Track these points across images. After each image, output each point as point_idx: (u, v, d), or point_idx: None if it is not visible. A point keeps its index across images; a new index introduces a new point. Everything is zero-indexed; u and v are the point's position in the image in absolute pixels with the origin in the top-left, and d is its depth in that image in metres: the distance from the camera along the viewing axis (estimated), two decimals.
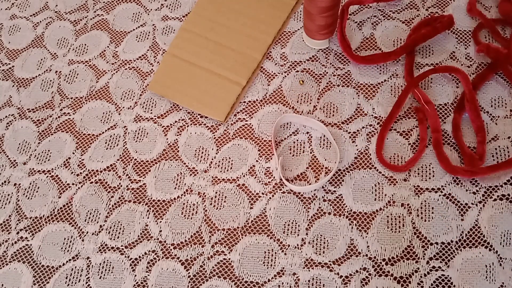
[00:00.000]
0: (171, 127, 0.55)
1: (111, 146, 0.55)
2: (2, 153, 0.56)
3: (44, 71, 0.61)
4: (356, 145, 0.51)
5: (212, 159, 0.52)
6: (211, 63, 0.56)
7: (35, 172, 0.54)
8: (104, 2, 0.65)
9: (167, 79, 0.56)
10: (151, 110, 0.56)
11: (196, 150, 0.53)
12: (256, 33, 0.57)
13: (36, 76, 0.61)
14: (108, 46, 0.61)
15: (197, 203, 0.50)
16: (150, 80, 0.57)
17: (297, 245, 0.47)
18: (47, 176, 0.54)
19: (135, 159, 0.53)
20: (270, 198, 0.49)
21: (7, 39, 0.64)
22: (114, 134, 0.55)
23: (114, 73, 0.59)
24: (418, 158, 0.48)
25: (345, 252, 0.46)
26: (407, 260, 0.45)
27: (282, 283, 0.46)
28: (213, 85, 0.55)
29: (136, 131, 0.55)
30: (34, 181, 0.54)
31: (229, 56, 0.56)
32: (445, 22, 0.53)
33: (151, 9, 0.63)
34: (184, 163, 0.52)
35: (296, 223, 0.48)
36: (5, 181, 0.54)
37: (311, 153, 0.51)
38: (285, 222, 0.48)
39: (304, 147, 0.51)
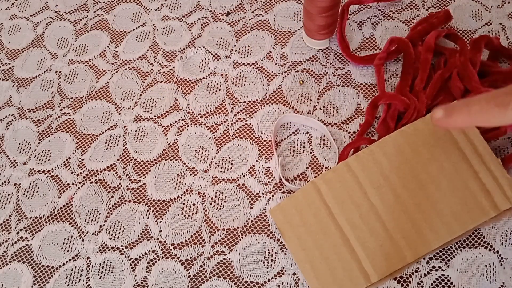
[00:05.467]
0: (171, 127, 0.55)
1: (111, 146, 0.55)
2: (2, 153, 0.56)
3: (44, 71, 0.61)
4: None
5: (212, 159, 0.52)
6: (351, 230, 0.43)
7: (35, 172, 0.54)
8: (104, 2, 0.65)
9: (294, 214, 0.45)
10: (151, 110, 0.56)
11: (196, 150, 0.53)
12: (425, 225, 0.42)
13: (36, 76, 0.61)
14: (108, 46, 0.61)
15: (197, 203, 0.50)
16: (273, 205, 0.49)
17: None
18: (47, 176, 0.54)
19: (135, 159, 0.53)
20: (270, 198, 0.49)
21: (7, 39, 0.65)
22: (114, 134, 0.55)
23: (114, 73, 0.59)
24: None
25: None
26: None
27: (282, 283, 0.46)
28: (338, 259, 0.42)
29: (136, 131, 0.55)
30: (34, 181, 0.54)
31: (377, 234, 0.42)
32: (442, 17, 0.53)
33: (151, 9, 0.63)
34: (184, 163, 0.52)
35: None
36: (5, 181, 0.54)
37: (311, 153, 0.51)
38: None
39: (304, 147, 0.51)
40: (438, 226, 0.41)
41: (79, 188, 0.53)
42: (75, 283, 0.48)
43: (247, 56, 0.58)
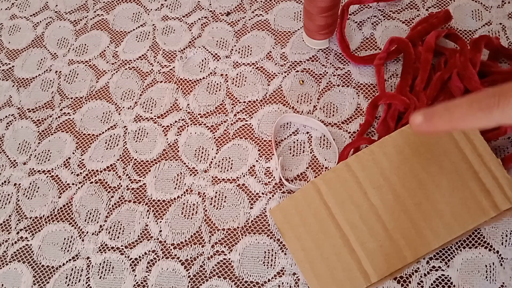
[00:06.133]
0: (171, 127, 0.55)
1: (111, 146, 0.55)
2: (2, 153, 0.56)
3: (44, 71, 0.61)
4: None
5: (212, 159, 0.52)
6: (351, 230, 0.42)
7: (35, 172, 0.54)
8: (104, 2, 0.65)
9: (294, 214, 0.45)
10: (151, 110, 0.56)
11: (196, 150, 0.53)
12: (425, 225, 0.41)
13: (36, 76, 0.61)
14: (108, 46, 0.61)
15: (197, 203, 0.50)
16: (273, 205, 0.49)
17: None
18: (47, 176, 0.54)
19: (135, 159, 0.53)
20: (270, 198, 0.49)
21: (7, 39, 0.65)
22: (114, 134, 0.55)
23: (114, 73, 0.59)
24: None
25: None
26: None
27: (282, 283, 0.46)
28: (338, 259, 0.42)
29: (136, 131, 0.55)
30: (34, 181, 0.54)
31: (377, 235, 0.42)
32: (442, 17, 0.53)
33: (151, 9, 0.63)
34: (184, 163, 0.52)
35: None
36: (5, 181, 0.54)
37: (311, 153, 0.51)
38: None
39: (304, 147, 0.51)
40: (438, 226, 0.41)
41: (79, 188, 0.53)
42: (75, 283, 0.48)
43: (247, 56, 0.58)
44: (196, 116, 0.55)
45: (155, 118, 0.55)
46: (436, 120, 0.33)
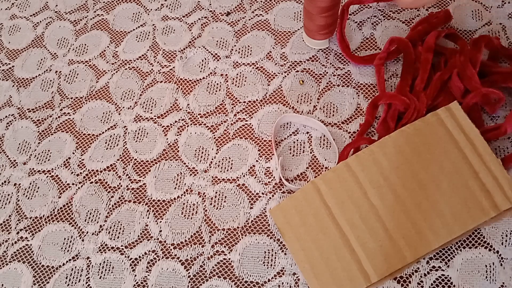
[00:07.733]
0: (171, 127, 0.55)
1: (111, 146, 0.55)
2: (2, 153, 0.56)
3: (44, 71, 0.61)
4: None
5: (212, 159, 0.52)
6: (351, 230, 0.43)
7: (35, 172, 0.54)
8: (104, 2, 0.65)
9: (294, 214, 0.45)
10: (151, 110, 0.56)
11: (196, 150, 0.53)
12: (425, 225, 0.42)
13: (36, 76, 0.61)
14: (108, 46, 0.61)
15: (197, 203, 0.50)
16: (273, 205, 0.48)
17: None
18: (47, 176, 0.54)
19: (135, 159, 0.53)
20: (270, 198, 0.49)
21: (7, 39, 0.65)
22: (114, 134, 0.55)
23: (114, 73, 0.59)
24: None
25: None
26: None
27: (282, 283, 0.46)
28: (338, 259, 0.42)
29: (136, 131, 0.55)
30: (34, 181, 0.54)
31: (377, 235, 0.42)
32: (442, 17, 0.54)
33: (151, 9, 0.63)
34: (184, 163, 0.52)
35: None
36: (5, 181, 0.54)
37: (311, 153, 0.51)
38: None
39: (304, 147, 0.51)
40: (438, 226, 0.41)
41: (79, 188, 0.53)
42: (75, 283, 0.48)
43: (247, 56, 0.58)
44: (196, 116, 0.55)
45: (155, 118, 0.55)
46: None
